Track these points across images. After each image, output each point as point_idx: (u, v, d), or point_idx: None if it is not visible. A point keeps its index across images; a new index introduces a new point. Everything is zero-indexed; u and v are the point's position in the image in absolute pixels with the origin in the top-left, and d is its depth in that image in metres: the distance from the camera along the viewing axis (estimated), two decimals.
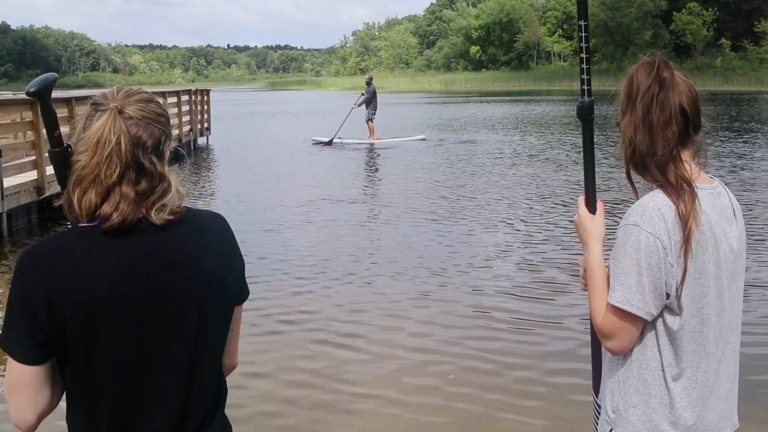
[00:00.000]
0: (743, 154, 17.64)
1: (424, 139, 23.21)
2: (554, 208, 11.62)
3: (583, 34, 2.21)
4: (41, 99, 1.68)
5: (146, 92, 1.69)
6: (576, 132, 24.47)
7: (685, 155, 2.00)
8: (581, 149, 2.32)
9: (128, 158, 1.59)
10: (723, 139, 20.64)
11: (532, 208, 11.64)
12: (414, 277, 7.74)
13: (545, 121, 31.85)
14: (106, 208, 1.57)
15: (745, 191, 12.48)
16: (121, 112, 1.60)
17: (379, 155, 19.85)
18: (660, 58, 2.00)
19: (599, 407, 2.20)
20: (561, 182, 14.11)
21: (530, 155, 18.71)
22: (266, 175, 16.31)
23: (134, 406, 1.63)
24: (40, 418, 1.65)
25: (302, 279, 7.72)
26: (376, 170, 17.37)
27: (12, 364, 1.60)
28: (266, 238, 9.64)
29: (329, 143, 22.25)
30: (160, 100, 1.71)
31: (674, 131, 1.96)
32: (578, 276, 2.29)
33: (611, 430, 2.08)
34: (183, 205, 1.69)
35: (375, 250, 8.94)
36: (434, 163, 17.59)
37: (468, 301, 6.98)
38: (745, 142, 20.40)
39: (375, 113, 22.91)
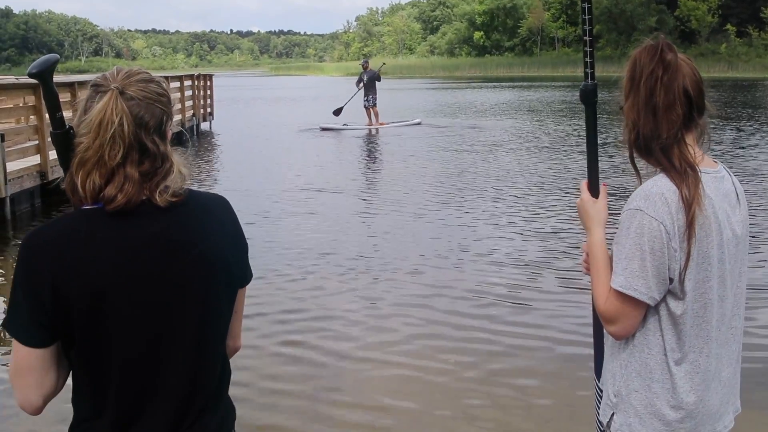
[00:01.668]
0: (732, 142, 17.45)
1: (419, 123, 23.18)
2: (554, 194, 11.60)
3: (586, 17, 2.19)
4: (43, 80, 1.68)
5: (147, 72, 1.68)
6: (575, 118, 24.41)
7: (689, 139, 1.99)
8: (582, 134, 2.31)
9: (131, 139, 1.59)
10: (712, 126, 20.31)
11: (531, 195, 11.62)
12: (409, 272, 7.57)
13: (547, 107, 31.64)
14: (111, 190, 1.57)
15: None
16: (122, 92, 1.60)
17: (379, 141, 19.82)
18: (663, 41, 1.99)
19: (601, 391, 2.20)
20: (561, 169, 14.08)
21: (530, 141, 18.64)
22: (267, 161, 16.23)
23: (140, 389, 1.64)
24: (46, 400, 1.65)
25: (291, 275, 7.40)
26: (376, 158, 17.30)
27: (17, 347, 1.60)
28: (262, 229, 9.48)
29: (337, 112, 22.34)
30: (161, 81, 1.70)
31: (679, 114, 1.95)
32: (580, 263, 2.29)
33: (613, 414, 2.09)
34: (186, 187, 1.69)
35: (369, 244, 8.69)
36: (433, 149, 17.48)
37: (468, 287, 6.98)
38: (735, 129, 20.12)
39: (376, 98, 22.82)
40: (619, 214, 1.98)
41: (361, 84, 22.68)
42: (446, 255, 8.14)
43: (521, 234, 9.05)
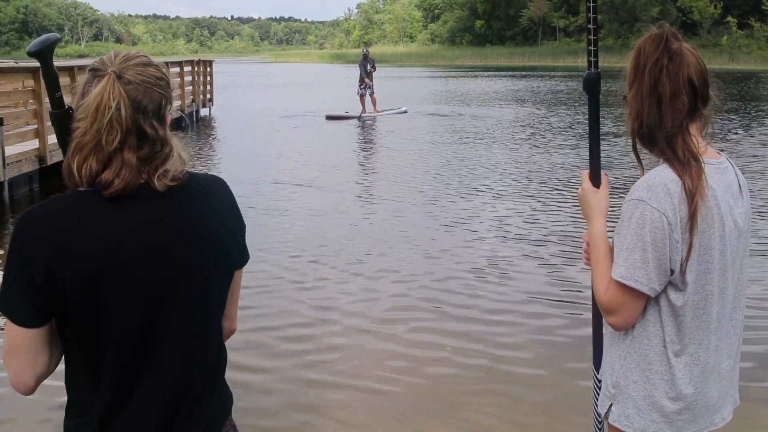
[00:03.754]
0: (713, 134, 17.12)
1: (405, 111, 23.14)
2: (553, 184, 11.59)
3: (591, 5, 2.17)
4: (42, 59, 1.66)
5: (145, 56, 1.66)
6: (571, 108, 24.36)
7: (693, 129, 1.97)
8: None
9: (129, 124, 1.56)
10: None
11: (529, 186, 11.61)
12: (405, 270, 7.49)
13: (534, 96, 31.40)
14: (108, 175, 1.55)
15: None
16: (120, 76, 1.57)
17: (376, 130, 19.78)
18: (668, 30, 1.98)
19: (599, 382, 2.20)
20: (559, 160, 14.06)
21: (527, 132, 18.59)
22: (266, 150, 16.07)
23: (136, 371, 1.63)
24: (39, 380, 1.64)
25: (264, 283, 6.78)
26: (371, 148, 17.12)
27: (10, 326, 1.59)
28: (258, 219, 9.29)
29: (359, 119, 21.99)
30: (160, 64, 1.68)
31: (684, 103, 1.94)
32: (579, 252, 2.28)
33: (611, 405, 2.08)
34: (186, 170, 1.68)
35: (352, 246, 8.36)
36: (429, 139, 17.39)
37: (460, 280, 6.94)
38: (718, 121, 19.70)
39: (373, 86, 22.83)
40: (621, 204, 1.97)
41: (367, 69, 22.53)
42: (444, 241, 8.10)
43: (515, 225, 9.02)
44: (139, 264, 1.59)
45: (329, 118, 21.99)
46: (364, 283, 6.85)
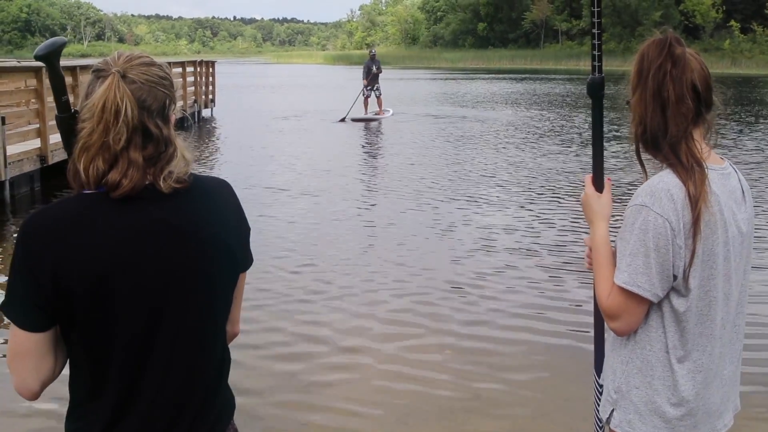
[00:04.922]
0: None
1: (392, 114, 23.14)
2: (553, 190, 11.57)
3: (595, 9, 2.17)
4: (49, 63, 1.67)
5: (148, 56, 1.66)
6: (572, 112, 24.36)
7: (696, 134, 1.97)
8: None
9: (134, 123, 1.57)
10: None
11: (530, 190, 11.59)
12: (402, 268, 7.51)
13: (526, 99, 31.43)
14: (114, 175, 1.55)
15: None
16: (124, 76, 1.57)
17: (375, 132, 19.81)
18: (672, 35, 1.97)
19: (601, 387, 2.19)
20: (560, 165, 14.05)
21: (527, 135, 18.59)
22: (264, 152, 16.01)
23: (140, 374, 1.62)
24: (44, 385, 1.64)
25: (274, 278, 6.90)
26: (376, 150, 17.12)
27: (15, 330, 1.59)
28: (259, 220, 9.20)
29: (343, 120, 21.99)
30: (163, 64, 1.68)
31: (689, 107, 1.93)
32: (579, 259, 2.27)
33: (613, 410, 2.08)
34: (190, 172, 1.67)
35: (361, 244, 8.50)
36: (424, 143, 17.39)
37: (455, 283, 6.95)
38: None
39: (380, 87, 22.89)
40: (623, 209, 1.97)
41: (372, 71, 22.51)
42: (431, 257, 8.01)
43: (520, 222, 9.04)
44: (145, 266, 1.59)
45: (354, 120, 21.87)
46: (363, 286, 6.84)
